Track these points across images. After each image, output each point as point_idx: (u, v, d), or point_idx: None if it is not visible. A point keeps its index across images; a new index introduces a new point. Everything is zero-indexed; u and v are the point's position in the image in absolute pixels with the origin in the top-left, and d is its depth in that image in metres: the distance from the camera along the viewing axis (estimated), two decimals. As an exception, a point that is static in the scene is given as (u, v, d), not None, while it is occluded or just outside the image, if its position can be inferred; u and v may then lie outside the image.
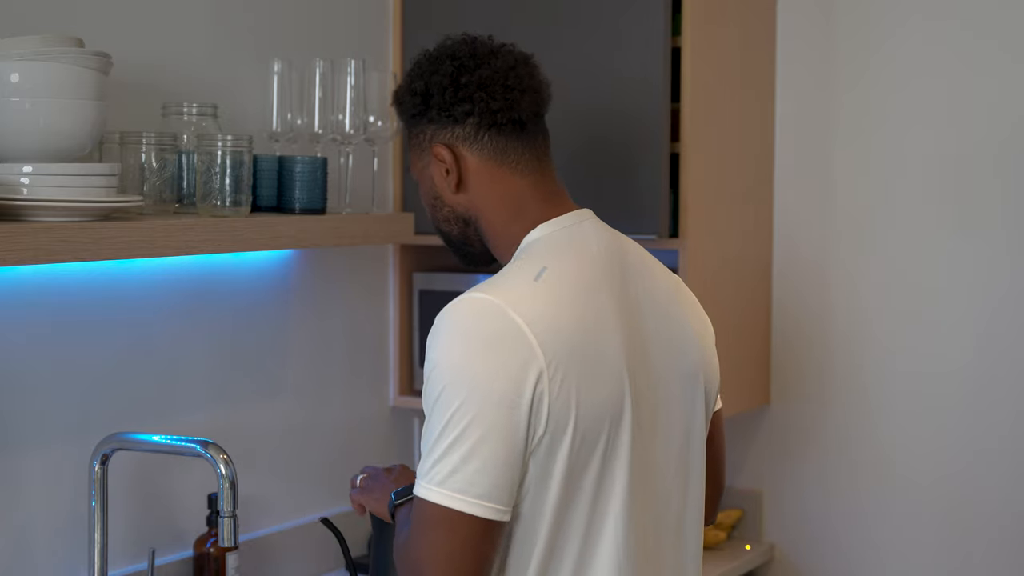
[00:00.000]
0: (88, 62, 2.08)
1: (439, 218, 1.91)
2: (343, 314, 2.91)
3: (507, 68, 1.85)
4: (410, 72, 1.89)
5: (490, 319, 1.69)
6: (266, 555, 2.70)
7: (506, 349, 1.67)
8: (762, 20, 3.08)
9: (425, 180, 1.90)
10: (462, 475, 1.64)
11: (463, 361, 1.66)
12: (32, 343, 2.28)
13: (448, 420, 1.65)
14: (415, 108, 1.87)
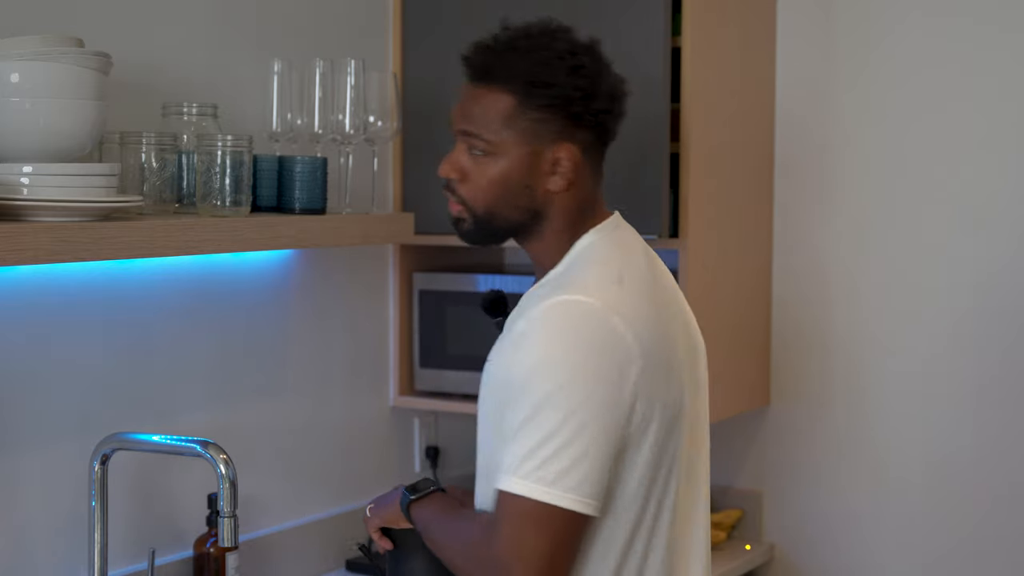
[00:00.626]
0: (88, 62, 2.08)
1: (509, 203, 1.87)
2: (343, 314, 2.91)
3: (622, 84, 1.90)
4: (554, 58, 1.83)
5: (594, 321, 1.73)
6: (266, 555, 2.70)
7: (609, 351, 1.72)
8: (762, 20, 3.08)
9: (519, 165, 1.85)
10: (573, 474, 1.68)
11: (571, 363, 1.71)
12: (32, 343, 2.28)
13: (558, 421, 1.68)
14: (561, 100, 1.82)
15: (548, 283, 1.86)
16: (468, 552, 1.78)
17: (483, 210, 1.88)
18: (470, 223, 1.91)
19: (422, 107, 2.96)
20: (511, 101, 1.84)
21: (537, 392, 1.71)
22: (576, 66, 1.84)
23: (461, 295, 2.98)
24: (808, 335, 3.11)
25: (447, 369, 2.99)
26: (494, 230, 1.91)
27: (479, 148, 1.86)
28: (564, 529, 1.70)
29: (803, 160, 3.11)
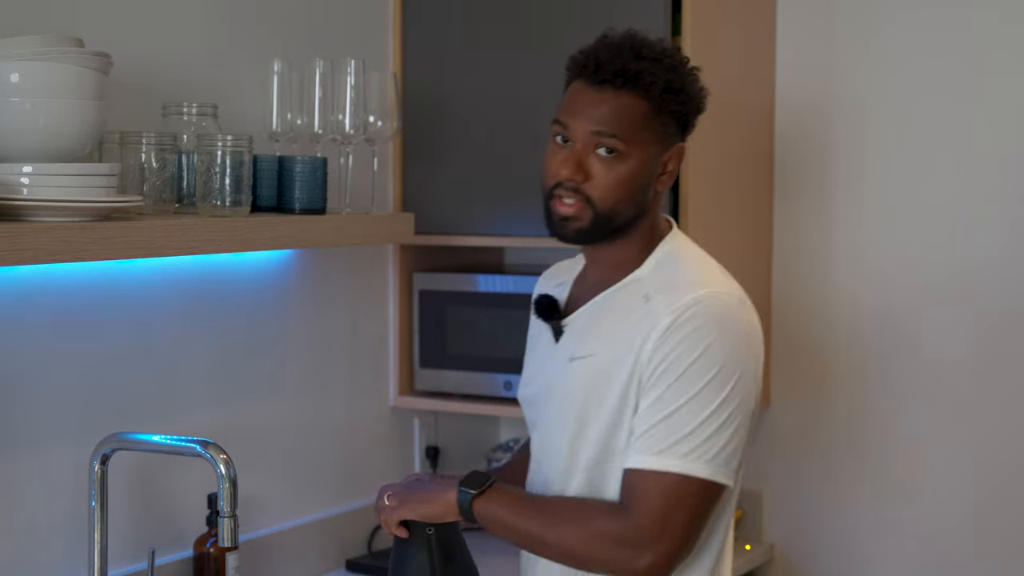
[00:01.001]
0: (88, 62, 2.08)
1: (632, 201, 1.97)
2: (343, 314, 2.91)
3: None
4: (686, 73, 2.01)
5: (737, 311, 1.93)
6: (266, 555, 2.70)
7: (751, 338, 1.93)
8: (762, 20, 3.08)
9: (648, 165, 1.98)
10: (727, 452, 1.87)
11: (724, 350, 1.88)
12: (32, 343, 2.28)
13: (719, 403, 1.86)
14: (684, 106, 2.00)
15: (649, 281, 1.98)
16: (592, 535, 1.89)
17: (607, 208, 1.96)
18: (587, 222, 1.97)
19: (422, 107, 2.96)
20: (647, 106, 1.96)
21: (696, 378, 1.86)
22: (696, 75, 2.03)
23: (461, 295, 2.98)
24: (808, 335, 3.11)
25: (447, 369, 2.99)
26: (609, 228, 1.99)
27: (611, 148, 1.95)
28: (708, 503, 1.89)
29: (803, 160, 3.11)
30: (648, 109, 1.96)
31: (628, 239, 2.01)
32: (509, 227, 2.91)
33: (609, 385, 1.95)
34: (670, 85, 1.97)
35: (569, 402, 2.00)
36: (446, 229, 2.96)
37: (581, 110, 1.98)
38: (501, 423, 3.38)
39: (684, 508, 1.86)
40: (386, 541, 2.96)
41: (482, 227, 2.93)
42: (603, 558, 1.90)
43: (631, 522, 1.87)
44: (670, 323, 1.89)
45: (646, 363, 1.90)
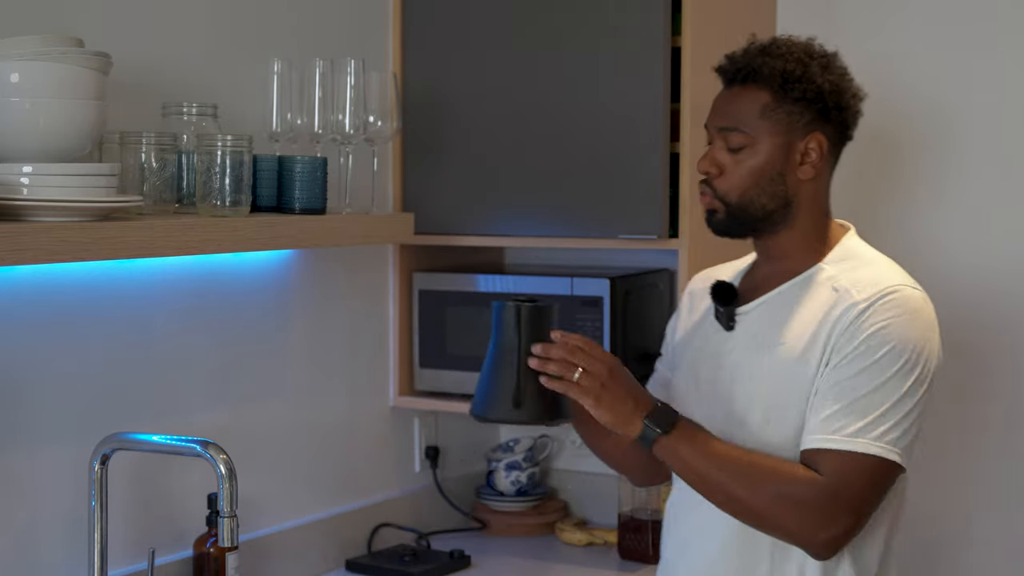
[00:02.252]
0: (88, 62, 2.08)
1: (765, 191, 2.06)
2: (343, 314, 2.91)
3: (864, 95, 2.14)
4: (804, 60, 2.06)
5: (927, 308, 2.03)
6: (266, 555, 2.70)
7: (936, 334, 2.03)
8: (762, 20, 3.08)
9: (774, 154, 2.05)
10: (909, 436, 1.97)
11: (915, 343, 1.98)
12: (32, 343, 2.28)
13: (906, 390, 1.96)
14: (814, 94, 2.04)
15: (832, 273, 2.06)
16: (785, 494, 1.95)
17: (738, 200, 2.06)
18: (723, 214, 2.08)
19: (422, 107, 2.96)
20: (767, 96, 2.05)
21: (890, 364, 1.96)
22: (825, 64, 2.07)
23: (461, 295, 2.98)
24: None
25: (447, 369, 2.99)
26: (747, 219, 2.08)
27: (737, 142, 2.06)
28: (890, 484, 1.99)
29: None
30: (769, 99, 2.04)
31: (790, 231, 2.09)
32: (509, 227, 2.91)
33: (804, 371, 2.02)
34: (789, 74, 2.03)
35: (759, 390, 2.06)
36: (446, 229, 2.96)
37: (713, 111, 2.12)
38: (501, 423, 3.38)
39: (874, 488, 1.97)
40: (386, 541, 2.97)
41: (482, 227, 2.93)
42: (788, 519, 1.96)
43: (828, 493, 1.94)
44: (865, 309, 1.98)
45: (836, 346, 1.99)
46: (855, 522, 1.96)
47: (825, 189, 2.12)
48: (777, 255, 2.13)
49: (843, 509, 1.95)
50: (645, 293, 2.92)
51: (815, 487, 1.95)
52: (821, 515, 1.94)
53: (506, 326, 2.02)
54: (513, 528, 3.15)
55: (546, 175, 2.86)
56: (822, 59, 2.08)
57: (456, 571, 2.85)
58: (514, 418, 2.01)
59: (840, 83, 2.07)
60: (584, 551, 3.04)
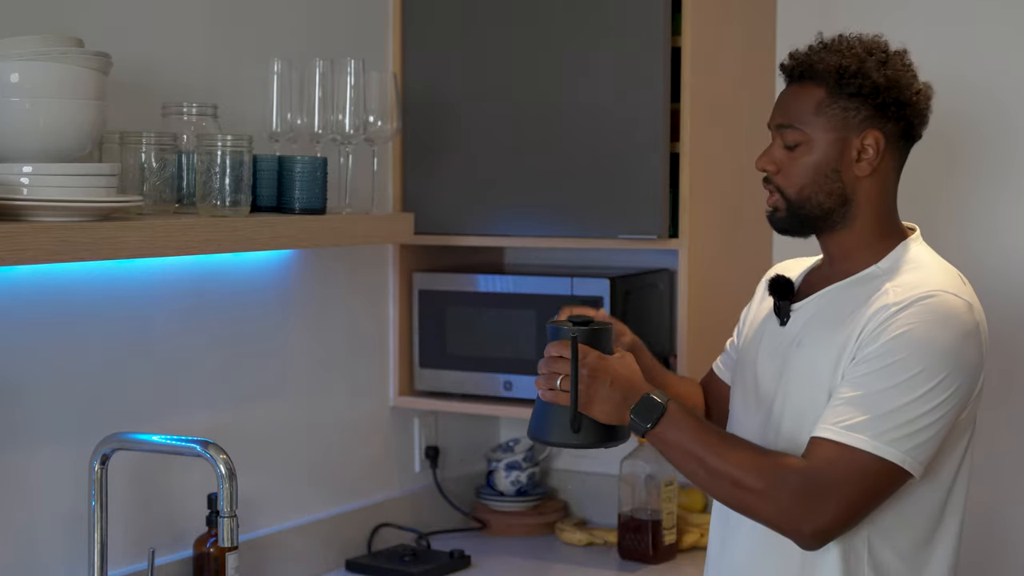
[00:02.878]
0: (88, 62, 2.08)
1: (822, 188, 2.04)
2: (343, 314, 2.91)
3: (931, 94, 2.08)
4: (861, 55, 2.03)
5: (963, 315, 1.96)
6: (266, 555, 2.70)
7: (971, 342, 1.97)
8: (762, 20, 3.08)
9: (830, 151, 2.03)
10: (916, 441, 1.91)
11: (941, 349, 1.93)
12: (32, 343, 2.28)
13: (921, 394, 1.91)
14: (867, 89, 2.01)
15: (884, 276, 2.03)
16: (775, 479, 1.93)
17: (796, 197, 2.05)
18: (784, 211, 2.08)
19: (422, 107, 2.96)
20: (822, 92, 2.02)
21: (906, 366, 1.91)
22: (884, 60, 2.02)
23: (461, 295, 2.98)
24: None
25: (447, 369, 2.99)
26: (806, 216, 2.06)
27: (792, 139, 2.05)
28: (887, 486, 1.93)
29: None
30: (824, 95, 2.02)
31: (849, 231, 2.07)
32: (509, 227, 2.91)
33: (834, 371, 1.99)
34: (844, 70, 2.01)
35: (793, 382, 2.05)
36: (446, 229, 2.96)
37: (774, 108, 2.11)
38: (501, 423, 3.38)
39: (864, 484, 1.91)
40: (386, 541, 2.97)
41: (482, 227, 2.94)
42: (775, 501, 1.93)
43: (815, 482, 1.91)
44: (897, 311, 1.95)
45: (861, 344, 1.96)
46: (843, 515, 1.91)
47: (888, 188, 2.07)
48: (837, 255, 2.10)
49: (828, 499, 1.90)
50: (645, 293, 2.92)
51: (801, 474, 1.92)
52: (805, 503, 1.91)
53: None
54: (513, 528, 3.15)
55: (546, 175, 2.86)
56: (881, 55, 2.04)
57: (456, 571, 2.85)
58: (572, 442, 2.02)
59: (899, 79, 2.02)
60: (584, 551, 3.04)
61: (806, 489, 1.91)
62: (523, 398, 2.89)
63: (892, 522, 1.99)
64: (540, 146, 2.87)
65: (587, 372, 1.98)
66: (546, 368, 2.01)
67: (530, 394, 2.87)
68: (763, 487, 1.93)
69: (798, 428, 2.00)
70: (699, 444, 1.97)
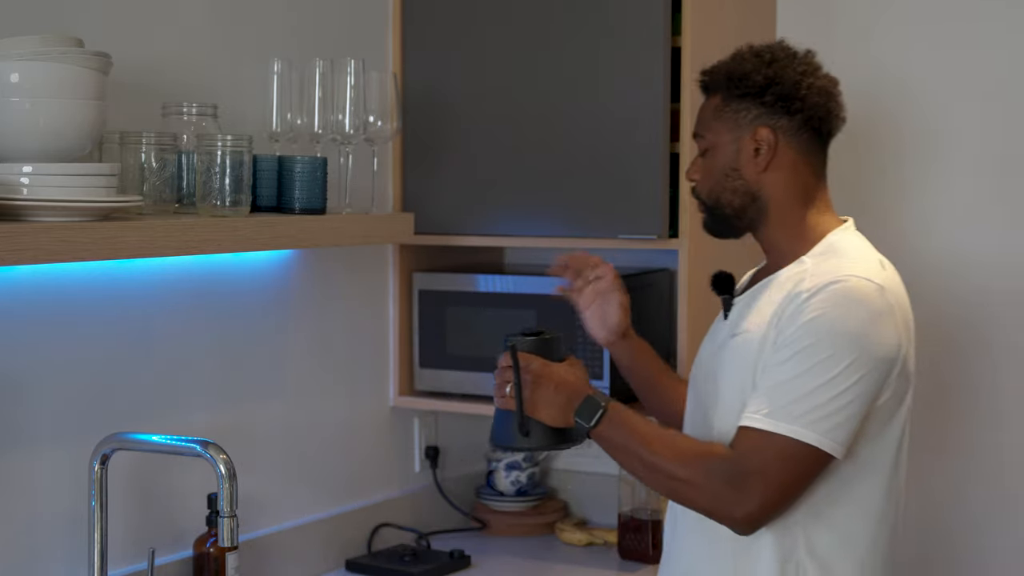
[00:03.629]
0: (88, 62, 2.08)
1: (726, 187, 2.14)
2: (343, 314, 2.91)
3: (833, 86, 2.17)
4: (751, 58, 2.13)
5: (874, 297, 2.01)
6: (266, 555, 2.70)
7: (887, 323, 2.01)
8: (762, 20, 3.08)
9: (727, 151, 2.13)
10: (832, 422, 1.96)
11: (854, 331, 1.98)
12: (32, 343, 2.28)
13: (832, 377, 1.96)
14: (753, 88, 2.10)
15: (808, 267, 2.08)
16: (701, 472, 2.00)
17: (708, 199, 2.17)
18: (707, 215, 2.20)
19: (422, 107, 2.96)
20: (718, 99, 2.14)
21: (816, 352, 1.97)
22: (770, 61, 2.11)
23: (461, 295, 2.98)
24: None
25: (447, 369, 2.99)
26: (723, 217, 2.17)
27: (702, 146, 2.17)
28: (810, 468, 1.99)
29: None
30: (719, 101, 2.13)
31: (769, 227, 2.15)
32: (509, 227, 2.91)
33: (757, 360, 2.06)
34: (732, 73, 2.12)
35: (723, 376, 2.12)
36: (446, 229, 2.96)
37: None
38: (501, 423, 3.38)
39: (786, 467, 1.97)
40: (386, 541, 2.97)
41: (482, 227, 2.94)
42: (705, 489, 2.01)
43: (740, 467, 1.98)
44: (807, 298, 2.01)
45: (780, 331, 2.03)
46: (771, 499, 1.98)
47: (797, 181, 2.13)
48: (768, 250, 2.19)
49: (754, 485, 1.97)
50: (645, 293, 2.92)
51: (727, 462, 2.00)
52: (732, 490, 1.98)
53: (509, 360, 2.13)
54: (513, 528, 3.15)
55: (546, 175, 2.86)
56: (768, 56, 2.12)
57: (456, 571, 2.85)
58: (524, 445, 2.14)
59: (784, 76, 2.10)
60: (584, 551, 3.04)
61: (732, 476, 1.98)
62: (523, 398, 2.90)
63: (824, 505, 2.04)
64: (540, 146, 2.87)
65: (531, 378, 2.11)
66: (498, 377, 2.14)
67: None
68: (693, 476, 2.01)
69: (731, 418, 2.06)
70: (637, 441, 2.05)
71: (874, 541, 2.08)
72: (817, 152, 2.15)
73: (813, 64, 2.14)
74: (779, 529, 2.03)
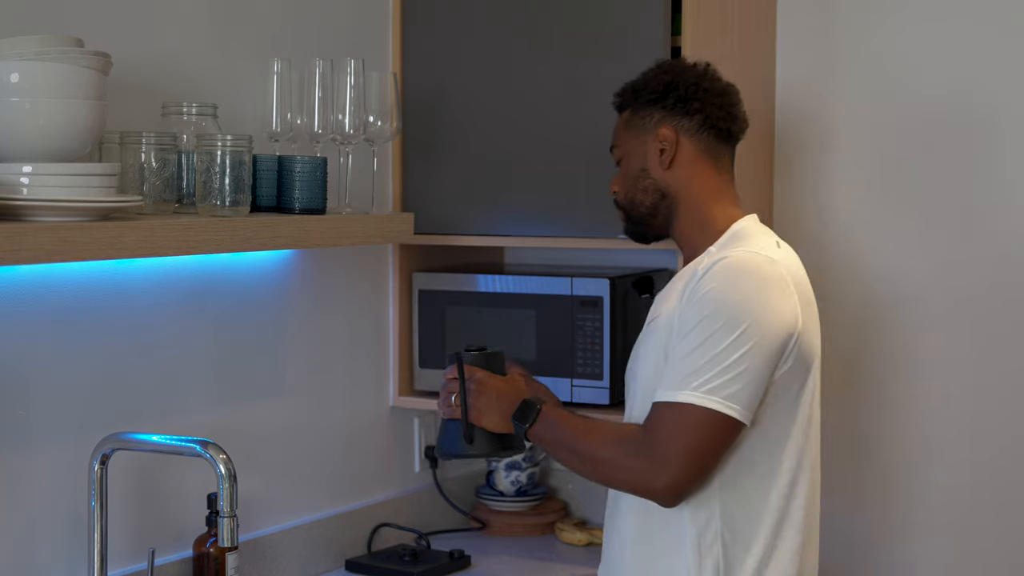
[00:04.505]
0: (87, 62, 2.08)
1: (638, 187, 2.31)
2: (343, 314, 2.91)
3: (732, 92, 2.33)
4: (654, 70, 2.34)
5: (764, 268, 2.14)
6: (266, 555, 2.70)
7: (776, 292, 2.13)
8: (762, 19, 3.08)
9: (636, 155, 2.31)
10: (731, 388, 2.07)
11: (743, 299, 2.10)
12: (32, 343, 2.28)
13: (727, 344, 2.07)
14: (654, 94, 2.29)
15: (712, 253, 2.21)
16: (619, 445, 2.14)
17: (624, 203, 2.34)
18: (626, 220, 2.36)
19: (422, 107, 2.96)
20: (628, 111, 2.34)
21: (711, 324, 2.08)
22: (668, 69, 2.32)
23: (461, 295, 2.98)
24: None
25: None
26: (639, 218, 2.33)
27: (616, 156, 2.36)
28: (719, 433, 2.09)
29: (803, 159, 3.11)
30: (629, 113, 2.33)
31: (680, 222, 2.29)
32: (509, 227, 2.91)
33: (666, 342, 2.18)
34: (634, 85, 2.33)
35: (639, 362, 2.27)
36: (446, 229, 2.96)
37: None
38: (501, 423, 3.38)
39: (696, 435, 2.08)
40: (386, 541, 2.97)
41: (482, 227, 2.94)
42: (625, 467, 2.13)
43: (651, 439, 2.10)
44: (701, 275, 2.14)
45: (679, 315, 2.15)
46: (687, 468, 2.08)
47: (702, 177, 2.28)
48: (683, 246, 2.32)
49: (669, 455, 2.08)
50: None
51: (639, 438, 2.12)
52: (649, 463, 2.09)
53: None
54: (513, 528, 3.15)
55: (546, 175, 2.86)
56: (667, 66, 2.32)
57: (456, 571, 2.85)
58: (469, 452, 2.30)
59: (679, 80, 2.28)
60: (584, 551, 3.04)
61: (646, 450, 2.10)
62: (523, 398, 2.90)
63: (735, 476, 2.14)
64: (540, 146, 2.87)
65: (474, 387, 2.29)
66: (443, 390, 2.32)
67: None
68: (613, 457, 2.14)
69: (647, 399, 2.18)
70: (569, 435, 2.20)
71: (784, 513, 2.16)
72: (719, 150, 2.30)
73: (710, 72, 2.32)
74: (696, 502, 2.13)
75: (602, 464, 2.17)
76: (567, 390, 2.84)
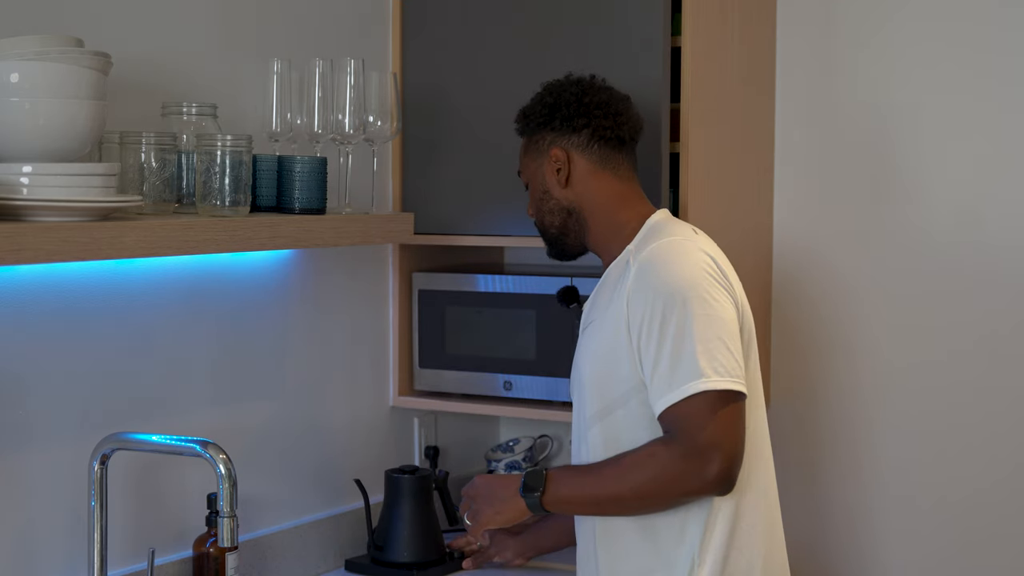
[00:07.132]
0: (88, 62, 2.08)
1: (544, 209, 2.40)
2: (343, 314, 2.92)
3: (617, 100, 2.39)
4: (540, 93, 2.43)
5: (691, 251, 2.20)
6: (266, 555, 2.70)
7: (710, 272, 2.19)
8: (762, 19, 3.08)
9: (537, 178, 2.41)
10: (718, 359, 2.13)
11: (675, 281, 2.16)
12: (32, 343, 2.28)
13: (690, 327, 2.13)
14: (542, 118, 2.38)
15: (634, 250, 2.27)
16: (658, 465, 2.15)
17: (538, 225, 2.43)
18: (544, 241, 2.45)
19: (422, 107, 2.96)
20: (525, 138, 2.43)
21: (666, 321, 2.15)
22: (550, 91, 2.41)
23: (461, 295, 2.98)
24: (808, 336, 3.11)
25: (447, 369, 2.99)
26: (554, 238, 2.42)
27: (523, 181, 2.45)
28: (735, 408, 2.15)
29: (804, 160, 3.11)
30: (525, 140, 2.44)
31: (593, 233, 2.37)
32: (509, 227, 2.91)
33: (615, 335, 2.22)
34: (526, 113, 2.43)
35: (583, 365, 2.32)
36: (446, 229, 2.96)
37: None
38: (501, 423, 3.38)
39: (715, 417, 2.12)
40: (386, 541, 2.97)
41: (482, 227, 2.94)
42: (670, 478, 2.15)
43: (684, 440, 2.13)
44: (635, 275, 2.20)
45: (630, 317, 2.20)
46: (729, 451, 2.13)
47: (603, 186, 2.36)
48: (601, 253, 2.38)
49: (708, 442, 2.12)
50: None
51: (669, 446, 2.15)
52: (690, 462, 2.13)
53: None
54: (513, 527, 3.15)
55: (546, 175, 2.86)
56: (549, 87, 2.42)
57: (456, 571, 2.85)
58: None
59: (561, 101, 2.37)
60: (584, 551, 3.03)
61: (683, 450, 2.13)
62: (523, 398, 2.90)
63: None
64: (540, 146, 2.86)
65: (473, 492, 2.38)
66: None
67: (530, 394, 2.89)
68: (652, 475, 2.16)
69: (597, 398, 2.25)
70: (588, 484, 2.23)
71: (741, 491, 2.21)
72: (614, 158, 2.37)
73: (593, 84, 2.39)
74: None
75: (644, 491, 2.17)
76: (567, 390, 2.84)
